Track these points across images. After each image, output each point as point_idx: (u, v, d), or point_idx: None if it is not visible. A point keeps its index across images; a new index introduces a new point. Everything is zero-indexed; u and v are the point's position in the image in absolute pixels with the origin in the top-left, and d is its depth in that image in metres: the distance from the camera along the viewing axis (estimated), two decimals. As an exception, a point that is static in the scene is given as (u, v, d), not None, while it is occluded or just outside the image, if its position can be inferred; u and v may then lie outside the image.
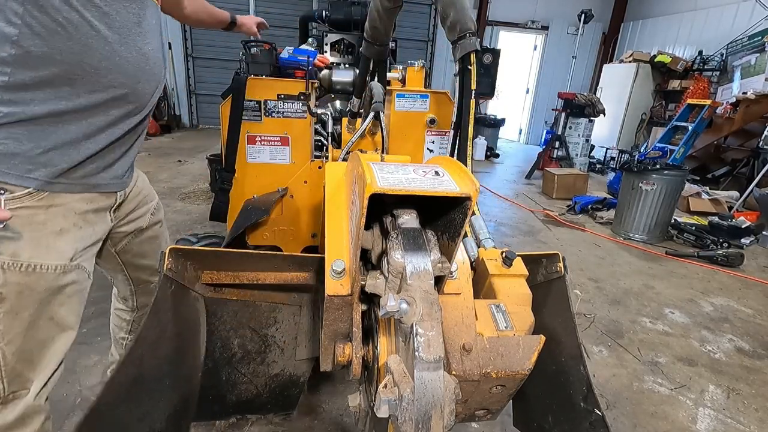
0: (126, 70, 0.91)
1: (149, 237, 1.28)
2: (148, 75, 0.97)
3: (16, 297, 0.86)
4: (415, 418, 0.61)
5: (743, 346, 2.53)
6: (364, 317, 0.87)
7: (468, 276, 0.88)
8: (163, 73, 1.05)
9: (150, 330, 0.86)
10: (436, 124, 2.24)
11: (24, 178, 0.84)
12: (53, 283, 0.91)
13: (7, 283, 0.85)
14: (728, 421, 1.92)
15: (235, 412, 1.48)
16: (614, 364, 2.25)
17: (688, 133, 5.72)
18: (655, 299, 3.02)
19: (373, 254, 0.82)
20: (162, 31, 1.02)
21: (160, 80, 1.04)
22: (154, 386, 0.95)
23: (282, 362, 1.41)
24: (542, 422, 1.08)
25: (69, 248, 0.93)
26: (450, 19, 1.26)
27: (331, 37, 3.01)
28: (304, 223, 2.23)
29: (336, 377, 1.91)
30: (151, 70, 0.98)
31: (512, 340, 0.86)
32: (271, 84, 2.02)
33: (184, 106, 9.16)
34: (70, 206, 0.92)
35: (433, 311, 0.66)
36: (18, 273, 0.86)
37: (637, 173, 4.08)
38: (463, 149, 1.26)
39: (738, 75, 6.69)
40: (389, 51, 2.02)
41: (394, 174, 0.74)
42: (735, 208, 5.01)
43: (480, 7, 9.54)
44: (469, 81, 1.24)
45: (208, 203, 4.07)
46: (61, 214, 0.90)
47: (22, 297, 0.87)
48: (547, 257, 1.13)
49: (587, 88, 10.28)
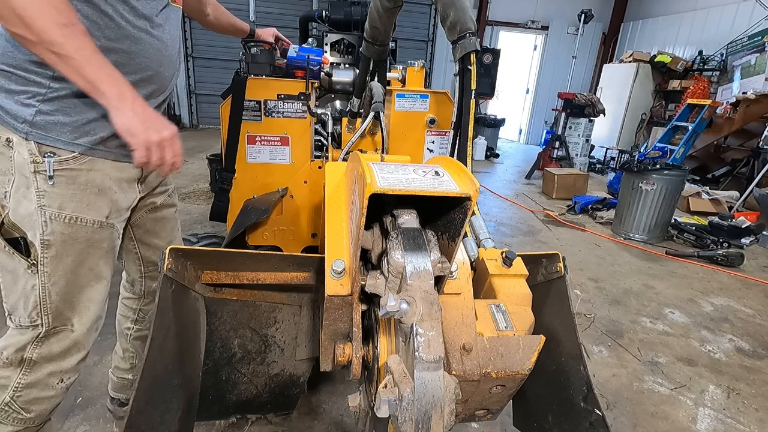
0: (151, 56, 1.06)
1: (163, 217, 1.34)
2: (167, 61, 1.13)
3: (61, 244, 1.01)
4: (415, 418, 0.61)
5: (743, 346, 2.53)
6: (364, 317, 0.87)
7: (468, 276, 0.88)
8: (178, 61, 1.19)
9: (158, 331, 0.87)
10: (436, 124, 2.24)
11: (71, 143, 0.98)
12: (92, 236, 1.05)
13: (53, 231, 0.99)
14: (728, 421, 1.92)
15: (235, 412, 1.48)
16: (614, 364, 2.25)
17: (688, 133, 5.72)
18: (655, 299, 3.02)
19: (373, 254, 0.82)
20: (180, 26, 1.17)
21: (177, 67, 1.19)
22: (167, 387, 0.96)
23: (282, 362, 1.41)
24: (542, 422, 1.08)
25: (105, 207, 1.07)
26: (450, 19, 1.26)
27: (331, 37, 3.01)
28: (304, 223, 2.23)
29: (336, 377, 1.91)
30: (170, 57, 1.13)
31: (512, 340, 0.86)
32: (271, 84, 2.02)
33: (184, 106, 9.16)
34: (106, 172, 1.06)
35: (433, 311, 0.66)
36: (62, 224, 1.00)
37: (637, 173, 4.08)
38: (463, 149, 1.26)
39: (738, 75, 6.69)
40: (389, 51, 2.02)
41: (394, 174, 0.74)
42: (735, 208, 5.01)
43: (480, 7, 9.54)
44: (469, 81, 1.24)
45: (208, 203, 4.07)
46: (99, 178, 1.04)
47: (65, 245, 1.01)
48: (547, 257, 1.13)
49: (587, 88, 10.28)
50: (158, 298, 0.90)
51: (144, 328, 1.46)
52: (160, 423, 0.91)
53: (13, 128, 0.94)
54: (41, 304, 1.02)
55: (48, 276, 1.01)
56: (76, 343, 1.09)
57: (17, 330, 1.04)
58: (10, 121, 0.94)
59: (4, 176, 0.96)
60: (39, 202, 0.96)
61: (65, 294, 1.04)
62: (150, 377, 0.86)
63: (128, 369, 1.49)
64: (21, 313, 1.02)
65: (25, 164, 0.95)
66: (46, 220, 0.98)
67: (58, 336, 1.07)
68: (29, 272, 1.00)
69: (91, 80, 0.87)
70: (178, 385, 1.02)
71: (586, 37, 9.39)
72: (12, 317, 1.04)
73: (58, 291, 1.03)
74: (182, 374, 1.05)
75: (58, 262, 1.01)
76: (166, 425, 0.93)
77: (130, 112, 0.91)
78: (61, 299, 1.04)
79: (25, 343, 1.04)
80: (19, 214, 0.97)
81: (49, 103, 0.95)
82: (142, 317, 1.44)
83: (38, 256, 0.99)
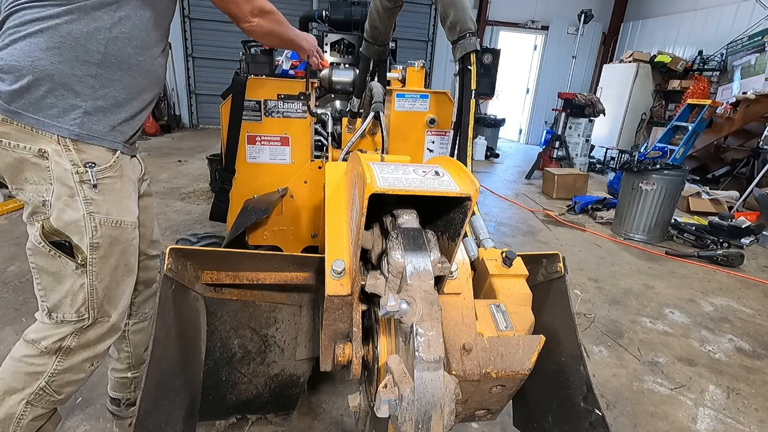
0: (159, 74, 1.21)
1: (144, 206, 1.37)
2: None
3: (108, 246, 1.10)
4: (415, 418, 0.61)
5: (743, 346, 2.53)
6: (364, 317, 0.87)
7: (468, 276, 0.88)
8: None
9: (160, 330, 0.88)
10: (436, 124, 2.24)
11: (113, 142, 1.09)
12: (130, 236, 1.16)
13: (102, 235, 1.08)
14: (728, 421, 1.92)
15: (235, 412, 1.48)
16: (614, 364, 2.25)
17: (688, 133, 5.72)
18: (655, 299, 3.02)
19: (373, 254, 0.82)
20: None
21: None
22: (171, 387, 0.97)
23: (282, 362, 1.41)
24: (542, 422, 1.08)
25: (135, 209, 1.18)
26: (450, 19, 1.26)
27: (331, 37, 3.01)
28: (304, 223, 2.23)
29: (336, 377, 1.90)
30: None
31: (512, 340, 0.86)
32: (271, 84, 2.02)
33: (184, 106, 9.16)
34: (129, 176, 1.16)
35: (433, 311, 0.66)
36: (110, 227, 1.09)
37: (637, 173, 4.08)
38: (463, 149, 1.26)
39: (738, 75, 6.69)
40: (389, 51, 2.02)
41: (394, 174, 0.74)
42: (735, 208, 5.01)
43: (480, 7, 9.54)
44: (469, 81, 1.24)
45: (208, 203, 4.07)
46: (128, 182, 1.15)
47: (111, 246, 1.11)
48: (547, 257, 1.13)
49: (587, 88, 10.28)
50: (159, 298, 0.90)
51: (139, 320, 1.45)
52: (166, 423, 0.91)
53: (57, 132, 0.99)
54: (89, 301, 1.11)
55: (96, 275, 1.10)
56: (110, 329, 1.18)
57: (56, 324, 1.11)
58: (52, 128, 0.99)
59: (41, 185, 1.01)
60: (87, 209, 1.05)
61: (108, 289, 1.14)
62: (155, 377, 0.86)
63: (125, 368, 1.49)
64: (67, 310, 1.10)
65: (67, 174, 1.01)
66: (96, 225, 1.06)
67: (97, 326, 1.15)
68: (78, 273, 1.08)
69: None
70: (181, 385, 1.03)
71: (586, 37, 9.39)
72: (53, 314, 1.10)
73: (104, 288, 1.13)
74: (185, 374, 1.05)
75: (105, 262, 1.10)
76: (171, 425, 0.94)
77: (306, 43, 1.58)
78: (105, 294, 1.14)
79: (65, 335, 1.11)
80: (63, 221, 1.03)
81: (94, 106, 1.03)
82: (136, 310, 1.44)
83: (87, 257, 1.07)
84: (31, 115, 0.97)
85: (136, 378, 1.51)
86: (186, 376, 1.06)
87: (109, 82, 1.04)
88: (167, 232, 3.48)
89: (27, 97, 0.97)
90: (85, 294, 1.10)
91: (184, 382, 1.05)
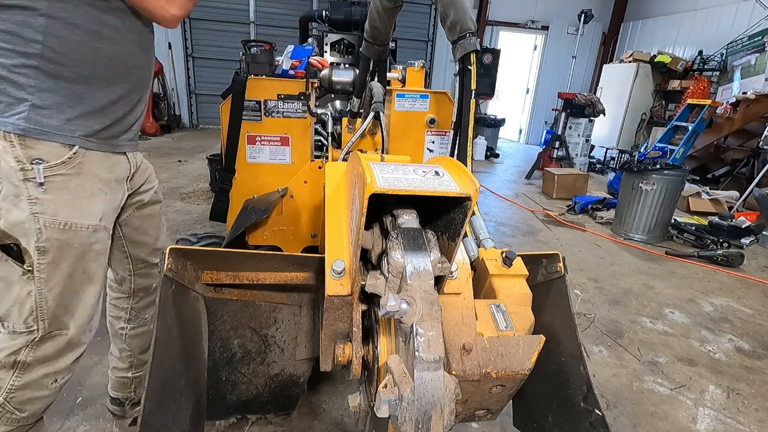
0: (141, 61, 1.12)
1: (149, 214, 1.34)
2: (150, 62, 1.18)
3: (57, 250, 1.01)
4: (415, 418, 0.61)
5: (743, 346, 2.53)
6: (364, 317, 0.87)
7: (468, 276, 0.88)
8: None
9: (161, 330, 0.88)
10: (436, 124, 2.24)
11: (68, 137, 0.99)
12: (86, 240, 1.05)
13: (49, 238, 0.99)
14: (728, 421, 1.92)
15: (235, 412, 1.48)
16: (614, 364, 2.25)
17: (688, 133, 5.72)
18: (655, 299, 3.02)
19: (373, 254, 0.82)
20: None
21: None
22: (175, 387, 0.97)
23: (282, 362, 1.40)
24: (542, 422, 1.08)
25: (98, 210, 1.07)
26: (450, 19, 1.26)
27: (331, 37, 3.01)
28: (304, 223, 2.23)
29: (336, 377, 1.90)
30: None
31: (512, 340, 0.86)
32: (271, 84, 2.02)
33: (184, 106, 9.15)
34: (96, 173, 1.06)
35: (433, 311, 0.66)
36: (58, 230, 0.99)
37: (637, 173, 4.08)
38: (463, 149, 1.26)
39: (738, 75, 6.69)
40: (389, 51, 2.02)
41: (394, 174, 0.74)
42: (735, 208, 5.01)
43: (480, 7, 9.54)
44: (469, 81, 1.24)
45: (208, 203, 4.06)
46: (89, 181, 1.04)
47: (61, 251, 1.01)
48: (547, 257, 1.13)
49: (587, 88, 10.27)
50: (159, 299, 0.90)
51: (138, 325, 1.45)
52: (172, 422, 0.91)
53: (2, 128, 0.92)
54: (37, 310, 1.02)
55: (44, 282, 1.01)
56: (70, 343, 1.09)
57: (10, 335, 1.03)
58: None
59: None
60: (32, 209, 0.96)
61: (61, 299, 1.05)
62: (158, 377, 0.86)
63: (127, 368, 1.49)
64: (15, 319, 1.02)
65: (12, 172, 0.94)
66: (41, 227, 0.97)
67: (53, 339, 1.07)
68: (24, 278, 1.00)
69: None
70: (185, 384, 1.03)
71: (586, 37, 9.39)
72: (5, 323, 1.02)
73: (55, 296, 1.03)
74: (188, 374, 1.05)
75: (54, 268, 1.01)
76: (178, 424, 0.94)
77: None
78: (58, 304, 1.04)
79: (19, 347, 1.03)
80: (10, 222, 0.96)
81: (42, 99, 0.95)
82: (135, 315, 1.43)
83: (34, 262, 0.99)
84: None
85: (137, 378, 1.51)
86: (190, 376, 1.06)
87: (57, 72, 0.95)
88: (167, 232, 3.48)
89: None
90: (32, 302, 1.01)
91: (189, 381, 1.04)
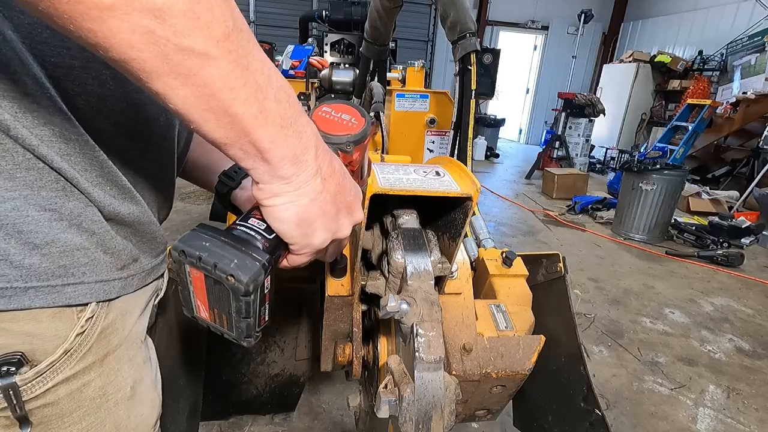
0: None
1: None
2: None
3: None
4: (416, 418, 0.61)
5: (743, 346, 2.53)
6: (364, 317, 0.87)
7: (468, 276, 0.88)
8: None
9: (161, 330, 0.87)
10: (436, 124, 2.24)
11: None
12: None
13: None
14: (728, 421, 1.92)
15: (235, 412, 1.48)
16: (614, 364, 2.25)
17: (688, 133, 5.72)
18: (655, 299, 3.02)
19: (373, 254, 0.82)
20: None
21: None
22: (174, 387, 0.96)
23: (282, 362, 1.40)
24: (542, 422, 1.08)
25: (150, 397, 0.65)
26: (450, 19, 1.26)
27: (331, 37, 3.01)
28: (304, 223, 2.23)
29: (336, 377, 1.90)
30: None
31: (512, 340, 0.86)
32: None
33: (184, 106, 9.15)
34: (132, 339, 0.58)
35: (433, 312, 0.65)
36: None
37: (637, 173, 4.07)
38: (463, 149, 1.26)
39: (738, 75, 6.69)
40: (389, 51, 2.02)
41: (395, 174, 0.74)
42: (735, 208, 5.01)
43: (480, 7, 9.54)
44: (469, 81, 1.25)
45: (208, 203, 4.06)
46: (125, 361, 0.56)
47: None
48: (547, 257, 1.13)
49: (587, 88, 10.27)
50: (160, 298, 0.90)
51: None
52: (171, 423, 0.91)
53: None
54: None
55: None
56: None
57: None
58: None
59: None
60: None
61: None
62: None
63: None
64: None
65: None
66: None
67: None
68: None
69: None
70: (184, 384, 1.02)
71: (586, 37, 9.38)
72: None
73: None
74: (187, 375, 1.05)
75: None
76: (176, 425, 0.94)
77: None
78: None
79: None
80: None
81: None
82: None
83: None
84: None
85: None
86: (188, 377, 1.06)
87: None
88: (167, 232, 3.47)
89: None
90: None
91: (187, 381, 1.04)
